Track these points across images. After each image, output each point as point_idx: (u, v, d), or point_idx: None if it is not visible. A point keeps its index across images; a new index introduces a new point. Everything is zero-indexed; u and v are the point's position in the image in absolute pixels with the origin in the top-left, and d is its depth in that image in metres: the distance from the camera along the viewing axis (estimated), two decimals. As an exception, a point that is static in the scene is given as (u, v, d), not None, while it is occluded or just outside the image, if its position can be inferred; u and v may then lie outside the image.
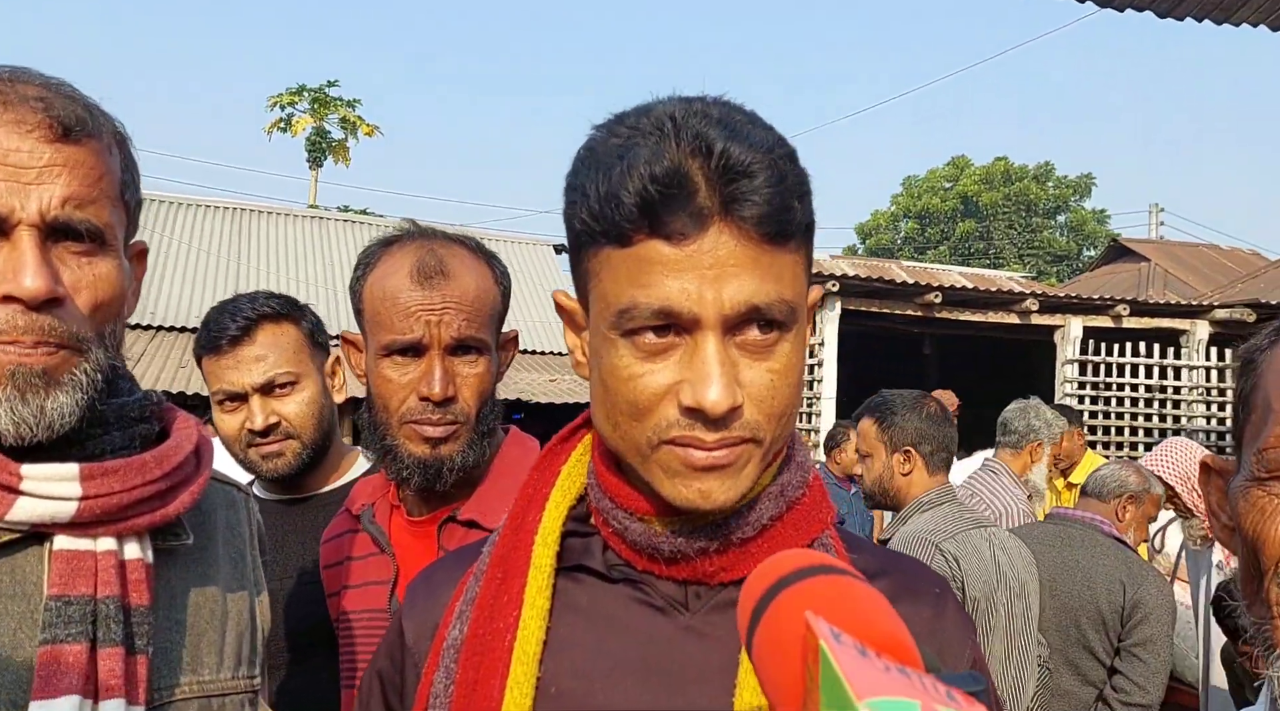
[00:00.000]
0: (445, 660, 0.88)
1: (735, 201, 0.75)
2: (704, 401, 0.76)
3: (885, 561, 0.95)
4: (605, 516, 0.88)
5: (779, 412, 0.81)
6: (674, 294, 0.76)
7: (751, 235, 0.76)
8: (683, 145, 0.75)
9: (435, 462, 1.41)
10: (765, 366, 0.79)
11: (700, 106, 0.79)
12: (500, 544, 0.92)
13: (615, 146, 0.78)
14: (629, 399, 0.80)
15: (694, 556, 0.85)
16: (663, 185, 0.74)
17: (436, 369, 1.39)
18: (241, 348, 1.83)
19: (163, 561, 1.04)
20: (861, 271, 12.36)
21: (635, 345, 0.79)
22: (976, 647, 0.94)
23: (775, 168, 0.76)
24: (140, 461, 0.99)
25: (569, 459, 0.95)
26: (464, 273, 1.43)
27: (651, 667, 0.85)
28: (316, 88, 32.63)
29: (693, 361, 0.77)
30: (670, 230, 0.75)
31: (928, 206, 41.47)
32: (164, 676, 1.01)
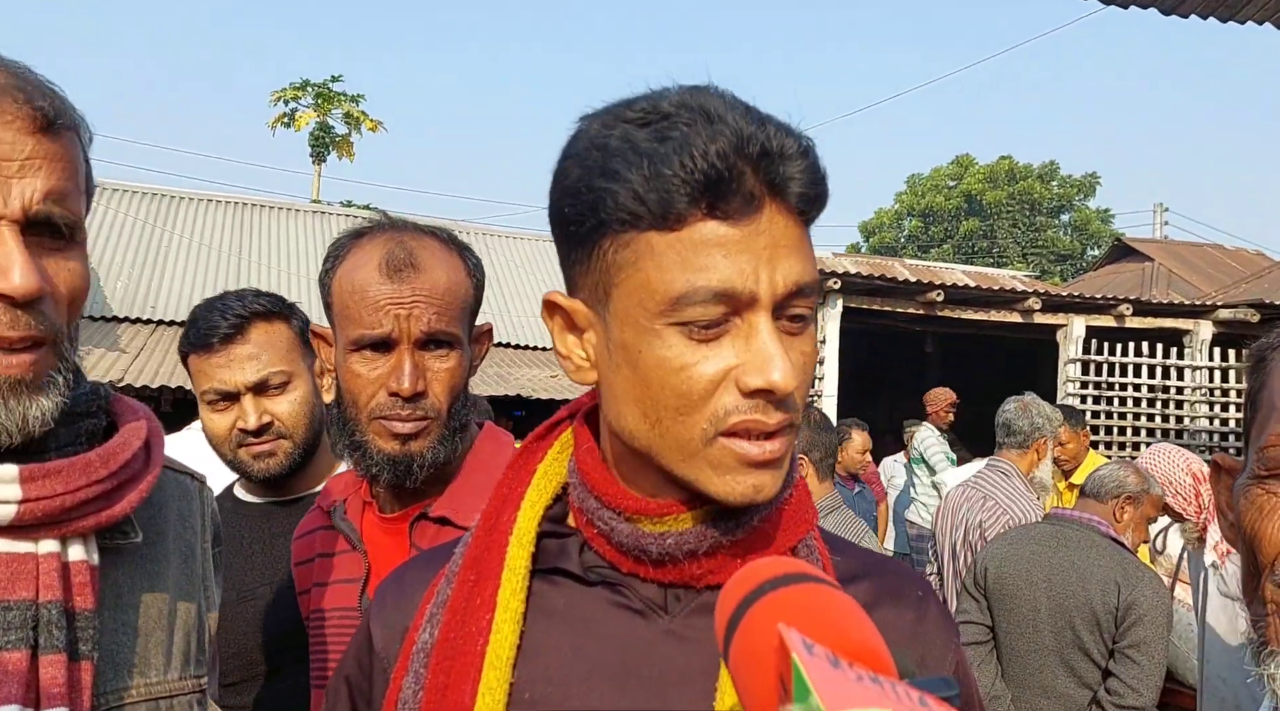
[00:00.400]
0: (415, 664, 0.86)
1: (785, 181, 0.77)
2: (775, 381, 0.75)
3: (868, 563, 0.94)
4: (590, 516, 0.86)
5: (804, 393, 0.82)
6: (733, 275, 0.76)
7: (794, 215, 0.78)
8: (729, 129, 0.75)
9: (405, 459, 1.38)
10: (799, 346, 0.80)
11: (717, 94, 0.79)
12: (474, 544, 0.90)
13: (651, 133, 0.77)
14: (681, 390, 0.77)
15: (682, 559, 0.83)
16: (724, 165, 0.75)
17: (406, 364, 1.36)
18: (234, 346, 1.79)
19: (110, 561, 1.01)
20: (864, 269, 12.34)
21: (688, 333, 0.77)
22: (959, 650, 0.93)
23: (810, 151, 0.79)
24: (84, 461, 0.95)
25: (545, 456, 0.93)
26: (434, 265, 1.40)
27: (630, 672, 0.83)
28: (320, 83, 32.65)
29: (750, 343, 0.77)
30: (729, 210, 0.76)
31: (932, 204, 41.43)
32: (110, 680, 0.99)
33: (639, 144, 0.76)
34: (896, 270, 13.47)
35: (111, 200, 14.92)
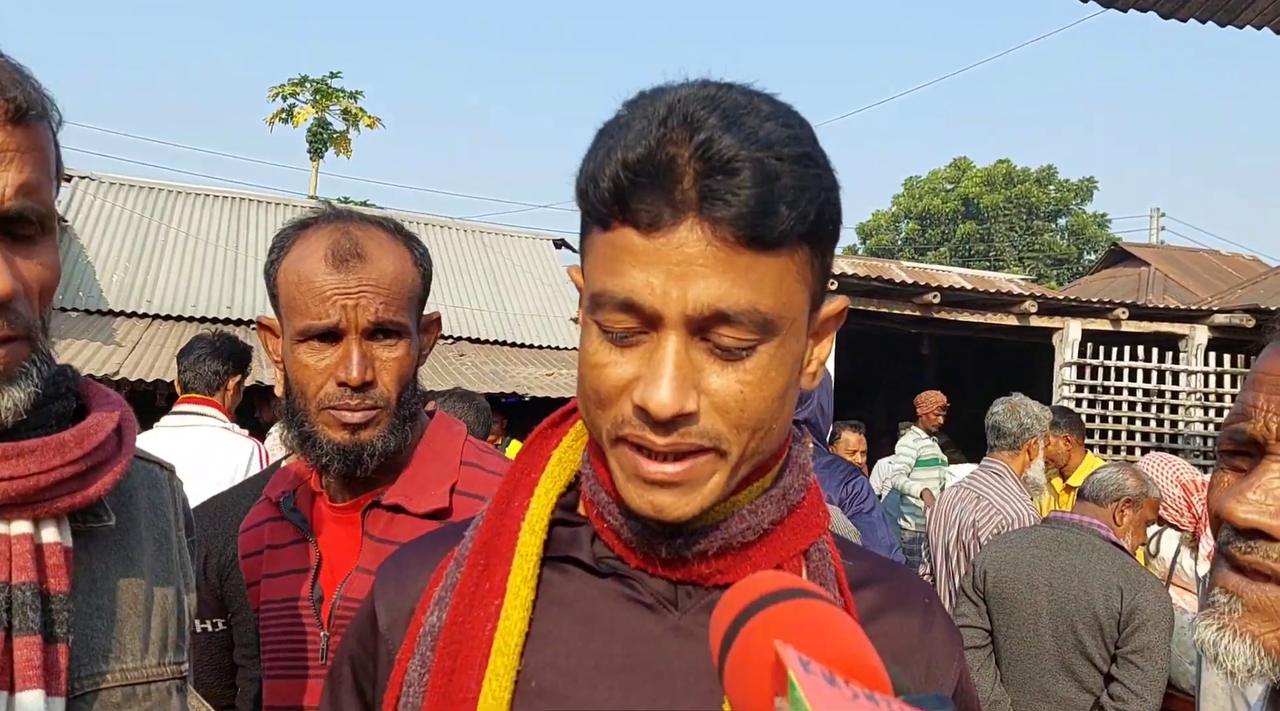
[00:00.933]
0: (421, 647, 0.85)
1: (710, 198, 0.70)
2: (649, 402, 0.72)
3: (877, 569, 0.93)
4: (600, 509, 0.85)
5: (750, 424, 0.76)
6: (639, 286, 0.73)
7: (726, 236, 0.71)
8: (669, 132, 0.71)
9: (355, 448, 1.38)
10: (735, 376, 0.75)
11: (712, 91, 0.74)
12: (484, 529, 0.88)
13: (614, 126, 0.75)
14: (594, 386, 0.77)
15: (692, 558, 0.82)
16: (635, 172, 0.71)
17: (354, 353, 1.36)
18: None
19: (83, 544, 0.99)
20: (861, 270, 12.35)
21: (605, 333, 0.76)
22: (963, 659, 0.93)
23: (762, 167, 0.71)
24: (58, 441, 0.93)
25: (560, 443, 0.91)
26: (381, 255, 1.39)
27: (637, 667, 0.82)
28: (319, 79, 32.58)
29: (651, 359, 0.74)
30: (640, 219, 0.72)
31: (929, 207, 41.50)
32: (85, 665, 0.97)
33: (601, 138, 0.76)
34: (893, 272, 13.49)
35: (108, 194, 14.89)
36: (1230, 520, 0.87)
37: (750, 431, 0.76)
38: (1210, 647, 0.88)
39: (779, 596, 0.58)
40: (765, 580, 0.60)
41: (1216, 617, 0.88)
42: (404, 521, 1.41)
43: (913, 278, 10.27)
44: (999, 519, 3.71)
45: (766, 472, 0.84)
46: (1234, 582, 0.87)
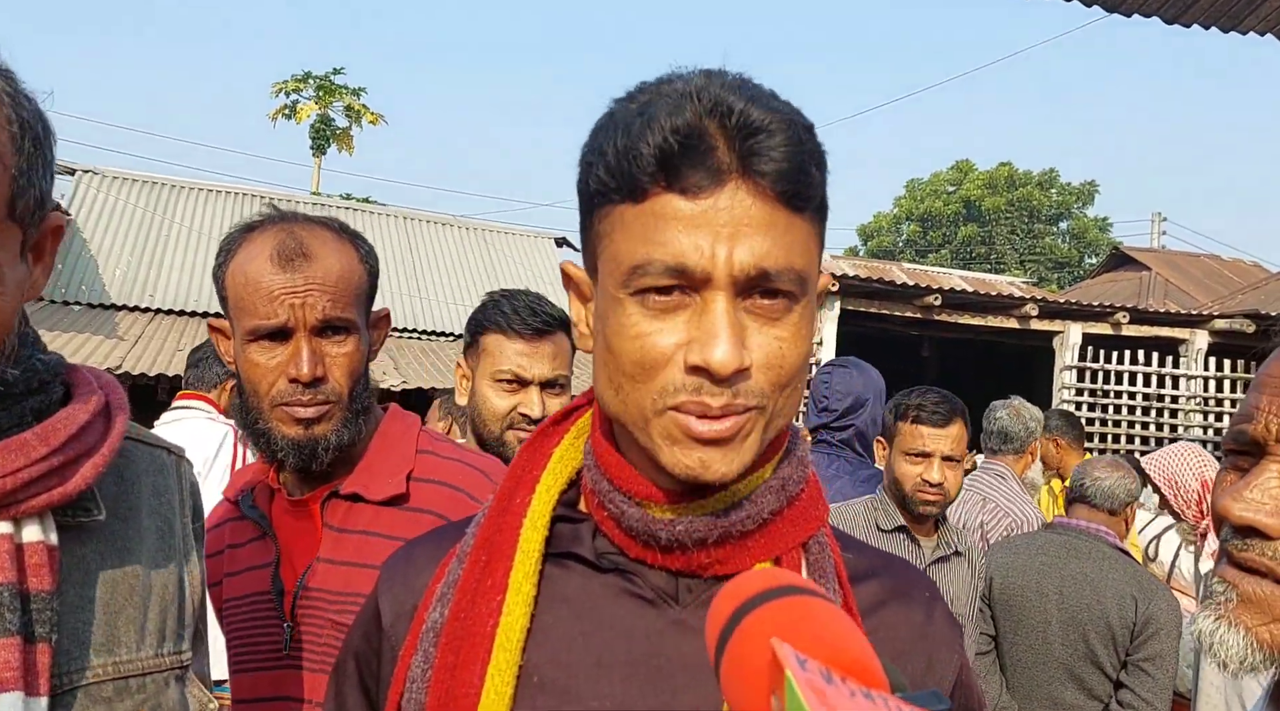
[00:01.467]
0: (424, 643, 0.86)
1: (753, 156, 0.74)
2: (711, 360, 0.74)
3: (877, 562, 0.94)
4: (601, 499, 0.86)
5: (785, 381, 0.79)
6: (688, 250, 0.75)
7: (768, 194, 0.75)
8: (703, 104, 0.75)
9: (309, 443, 1.41)
10: (774, 333, 0.78)
11: (720, 77, 0.78)
12: (486, 526, 0.89)
13: (635, 109, 0.77)
14: (635, 358, 0.78)
15: (691, 546, 0.82)
16: (683, 136, 0.74)
17: (304, 350, 1.39)
18: (542, 342, 2.04)
19: (74, 538, 0.98)
20: (862, 272, 12.36)
21: (644, 304, 0.77)
22: (963, 653, 0.93)
23: (794, 130, 0.76)
24: (20, 441, 0.91)
25: (562, 441, 0.92)
26: (326, 254, 1.43)
27: (638, 661, 0.83)
28: (322, 75, 32.60)
29: (701, 321, 0.76)
30: (687, 184, 0.75)
31: (930, 209, 41.50)
32: (75, 659, 0.96)
33: (621, 120, 0.78)
34: (894, 274, 13.50)
35: (112, 188, 14.91)
36: (1227, 517, 0.89)
37: (784, 388, 0.79)
38: (1206, 638, 0.89)
39: (775, 593, 0.58)
40: (761, 577, 0.60)
41: (1214, 608, 0.90)
42: (362, 510, 1.45)
43: (914, 280, 10.29)
44: (1008, 521, 3.69)
45: (766, 463, 0.85)
46: (1231, 574, 0.89)
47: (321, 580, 1.42)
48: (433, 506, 1.46)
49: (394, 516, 1.44)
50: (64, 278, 12.94)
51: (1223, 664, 0.88)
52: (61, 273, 12.97)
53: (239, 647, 1.49)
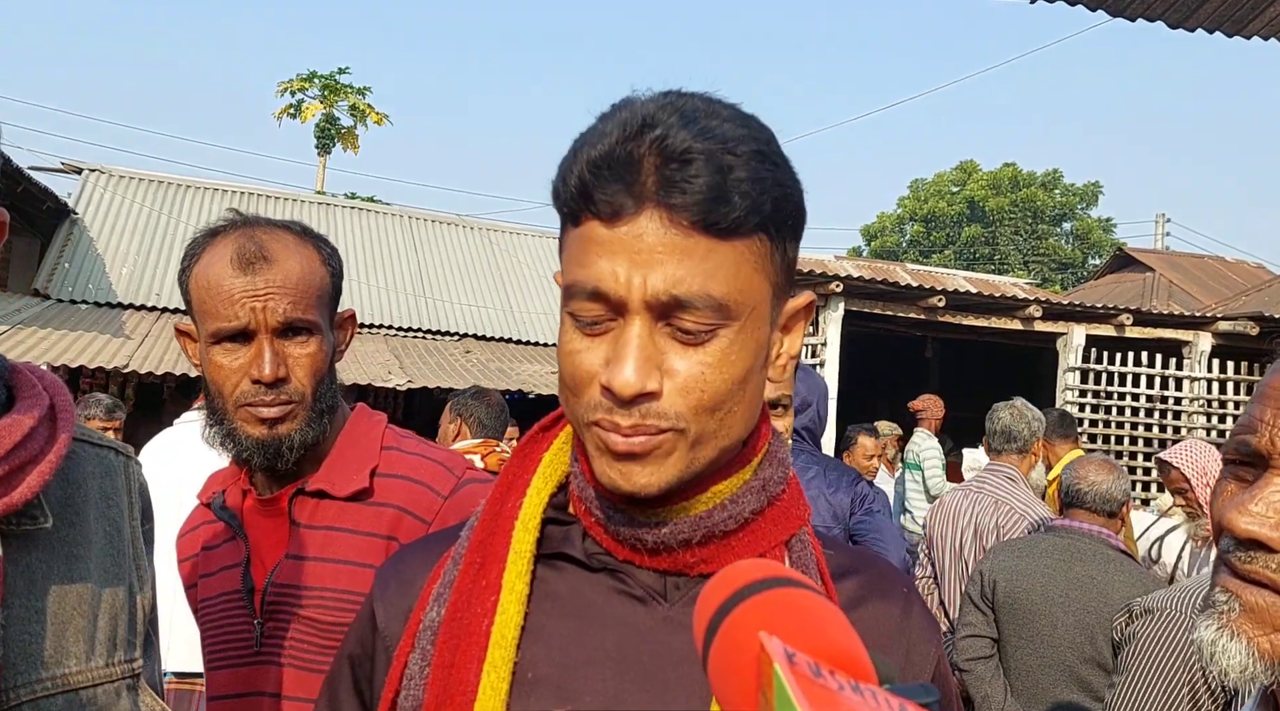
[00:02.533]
0: (422, 641, 0.88)
1: (666, 186, 0.76)
2: (614, 382, 0.77)
3: (856, 560, 0.97)
4: (587, 504, 0.88)
5: (709, 404, 0.80)
6: (605, 275, 0.77)
7: (683, 223, 0.76)
8: (629, 130, 0.77)
9: (274, 442, 1.44)
10: (697, 358, 0.79)
11: (673, 98, 0.80)
12: (479, 529, 0.92)
13: (584, 133, 0.81)
14: (569, 373, 0.82)
15: (676, 547, 0.85)
16: (596, 167, 0.77)
17: (266, 351, 1.42)
18: None
19: (19, 547, 0.94)
20: (865, 273, 12.37)
21: (577, 323, 0.81)
22: (940, 647, 0.96)
23: (713, 158, 0.76)
24: None
25: (551, 446, 0.95)
26: (286, 256, 1.46)
27: (629, 657, 0.85)
28: (327, 74, 32.65)
29: (615, 343, 0.79)
30: (604, 211, 0.77)
31: (934, 210, 41.44)
32: (22, 672, 0.92)
33: (573, 144, 0.81)
34: (898, 275, 13.50)
35: (118, 187, 14.95)
36: (1231, 530, 0.89)
37: (710, 412, 0.80)
38: (1208, 647, 0.89)
39: (762, 585, 0.57)
40: (748, 569, 0.59)
41: (1216, 618, 0.90)
42: (328, 506, 1.48)
43: (917, 281, 10.31)
44: (1025, 524, 3.66)
45: (746, 464, 0.87)
46: (1234, 584, 0.89)
47: (289, 576, 1.45)
48: (394, 500, 1.49)
49: (358, 511, 1.48)
50: (71, 276, 12.98)
51: (1224, 673, 0.89)
52: (68, 271, 13.01)
53: (213, 645, 1.53)
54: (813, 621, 0.55)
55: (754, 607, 0.56)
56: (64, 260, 13.10)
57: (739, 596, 0.57)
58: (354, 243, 15.37)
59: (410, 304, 14.76)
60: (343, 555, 1.46)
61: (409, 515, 1.48)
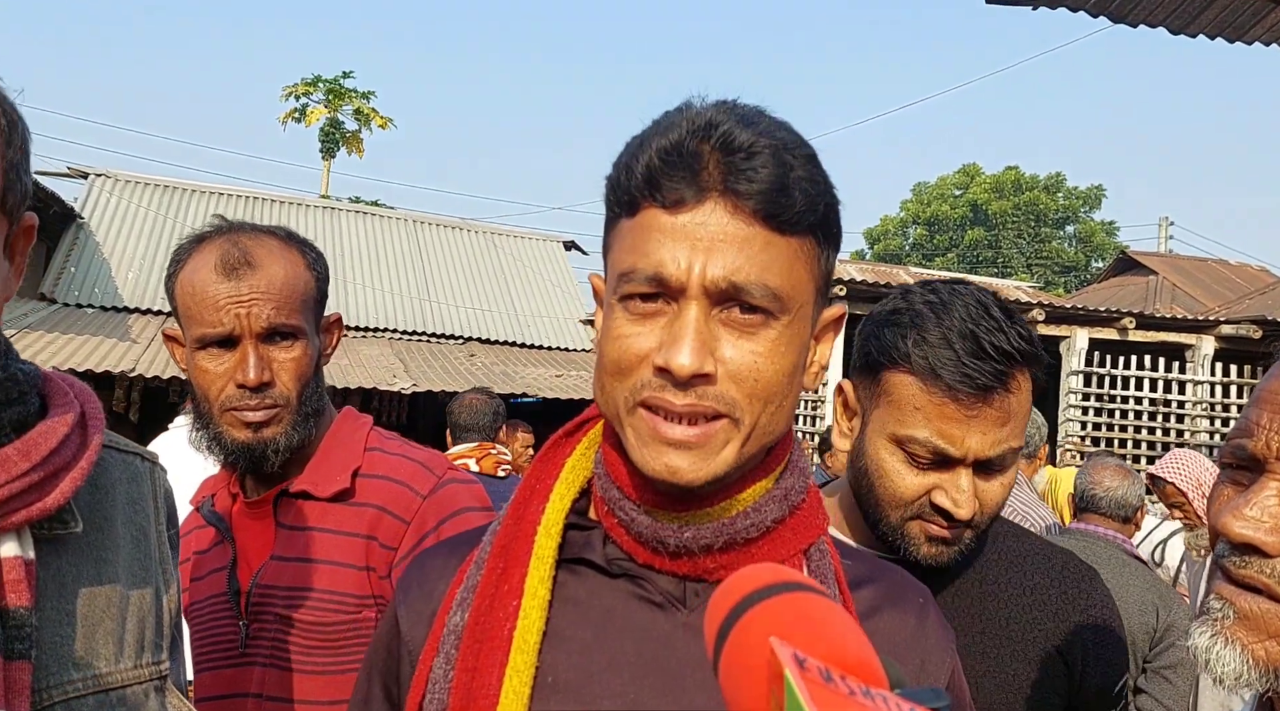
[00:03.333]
0: (445, 646, 0.89)
1: (732, 175, 0.79)
2: (671, 362, 0.79)
3: (873, 569, 0.98)
4: (611, 507, 0.89)
5: (761, 394, 0.82)
6: (666, 260, 0.80)
7: (745, 212, 0.79)
8: (693, 126, 0.80)
9: (259, 445, 1.46)
10: (748, 346, 0.81)
11: (729, 104, 0.83)
12: (501, 533, 0.93)
13: (643, 133, 0.84)
14: (614, 358, 0.83)
15: (698, 552, 0.86)
16: (665, 155, 0.80)
17: (250, 356, 1.44)
18: (986, 404, 1.26)
19: (51, 551, 0.96)
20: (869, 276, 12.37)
21: (628, 309, 0.83)
22: (955, 655, 0.97)
23: (779, 155, 0.80)
24: (1, 457, 0.90)
25: (574, 452, 0.96)
26: (271, 262, 1.48)
27: (648, 663, 0.86)
28: (332, 79, 32.71)
29: (672, 326, 0.81)
30: (668, 199, 0.80)
31: (937, 213, 41.45)
32: (54, 675, 0.94)
33: (632, 141, 0.85)
34: (901, 278, 13.51)
35: (124, 191, 14.99)
36: (1226, 534, 0.89)
37: (763, 402, 0.82)
38: (1202, 653, 0.89)
39: (773, 590, 0.57)
40: (759, 573, 0.59)
41: (1210, 624, 0.89)
42: (312, 507, 1.50)
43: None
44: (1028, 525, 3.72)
45: (770, 472, 0.89)
46: (1228, 591, 0.89)
47: (274, 577, 1.47)
48: (375, 500, 1.50)
49: (340, 512, 1.50)
50: (77, 280, 13.02)
51: (1218, 680, 0.88)
52: (74, 276, 13.06)
53: (200, 647, 1.55)
54: (823, 626, 0.55)
55: (764, 612, 0.56)
56: (70, 264, 13.15)
57: (749, 601, 0.57)
58: (358, 246, 15.41)
59: (414, 307, 14.79)
60: (325, 555, 1.47)
61: (388, 514, 1.49)
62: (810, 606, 0.56)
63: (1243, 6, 4.83)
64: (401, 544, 1.47)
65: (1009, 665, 1.35)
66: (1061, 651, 1.34)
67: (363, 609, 1.45)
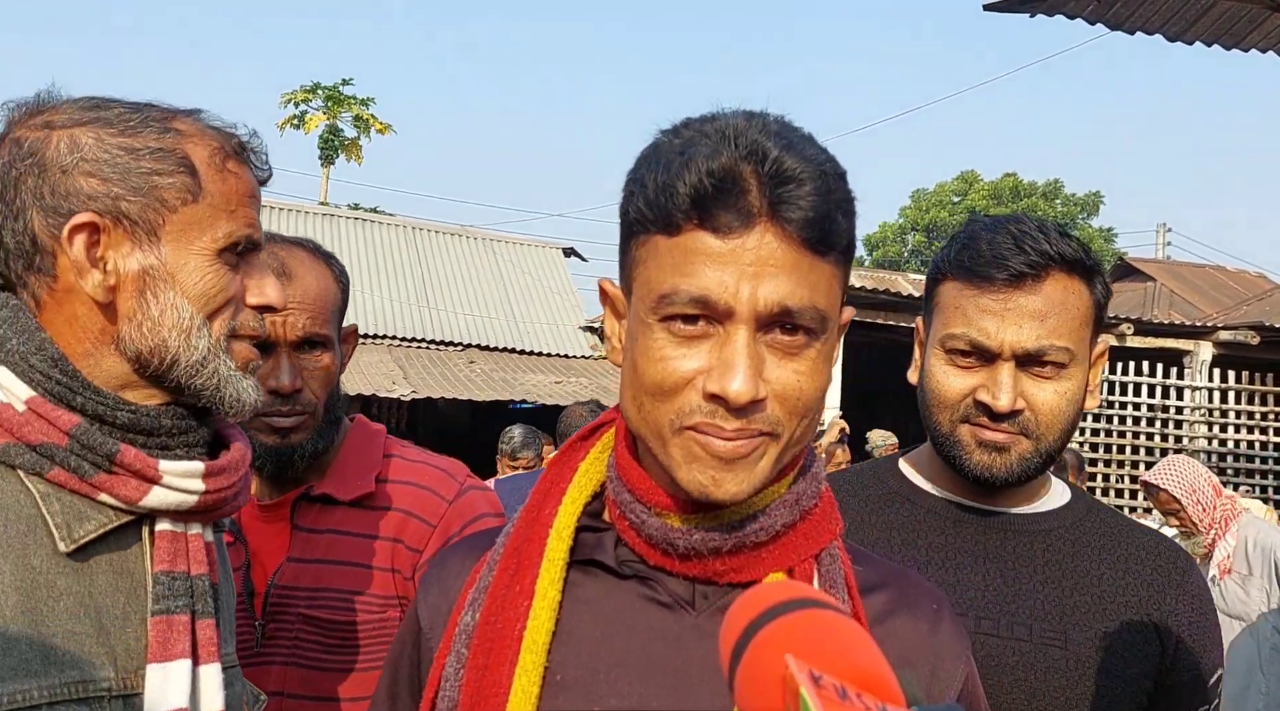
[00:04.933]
0: (457, 645, 0.91)
1: (782, 204, 0.79)
2: (728, 390, 0.79)
3: (886, 574, 0.98)
4: (623, 509, 0.91)
5: (801, 412, 0.84)
6: (713, 284, 0.80)
7: (794, 239, 0.80)
8: (740, 149, 0.80)
9: (286, 450, 1.51)
10: (792, 367, 0.83)
11: (761, 120, 0.83)
12: (515, 535, 0.94)
13: (678, 145, 0.83)
14: (656, 380, 0.83)
15: (707, 554, 0.87)
16: (717, 179, 0.79)
17: (284, 364, 1.49)
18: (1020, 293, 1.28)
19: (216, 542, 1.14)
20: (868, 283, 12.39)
21: (670, 330, 0.82)
22: (970, 661, 0.98)
23: (824, 179, 0.81)
24: (232, 462, 1.09)
25: (588, 455, 0.98)
26: (305, 273, 1.53)
27: (655, 664, 0.87)
28: (331, 85, 32.75)
29: (722, 351, 0.81)
30: (718, 223, 0.80)
31: (935, 220, 41.52)
32: (225, 641, 1.12)
33: (663, 155, 0.84)
34: (900, 285, 13.54)
35: (123, 198, 15.00)
36: None
37: (800, 418, 0.84)
38: None
39: (789, 606, 0.57)
40: (775, 590, 0.59)
41: None
42: (333, 511, 1.54)
43: (920, 291, 10.33)
44: None
45: (782, 478, 0.90)
46: None
47: (293, 578, 1.50)
48: (400, 504, 1.55)
49: (362, 515, 1.54)
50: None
51: None
52: (74, 282, 13.05)
53: None
54: (839, 643, 0.55)
55: (780, 630, 0.56)
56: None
57: (765, 617, 0.57)
58: (357, 253, 15.42)
59: (414, 314, 14.80)
60: (347, 557, 1.51)
61: (414, 518, 1.54)
62: (826, 623, 0.56)
63: (1240, 13, 4.86)
64: (427, 547, 1.52)
65: (1099, 624, 1.30)
66: (1156, 628, 1.31)
67: (387, 609, 1.49)
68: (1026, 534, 1.36)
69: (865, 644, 0.56)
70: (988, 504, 1.38)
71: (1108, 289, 1.37)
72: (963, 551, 1.36)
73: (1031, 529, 1.37)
